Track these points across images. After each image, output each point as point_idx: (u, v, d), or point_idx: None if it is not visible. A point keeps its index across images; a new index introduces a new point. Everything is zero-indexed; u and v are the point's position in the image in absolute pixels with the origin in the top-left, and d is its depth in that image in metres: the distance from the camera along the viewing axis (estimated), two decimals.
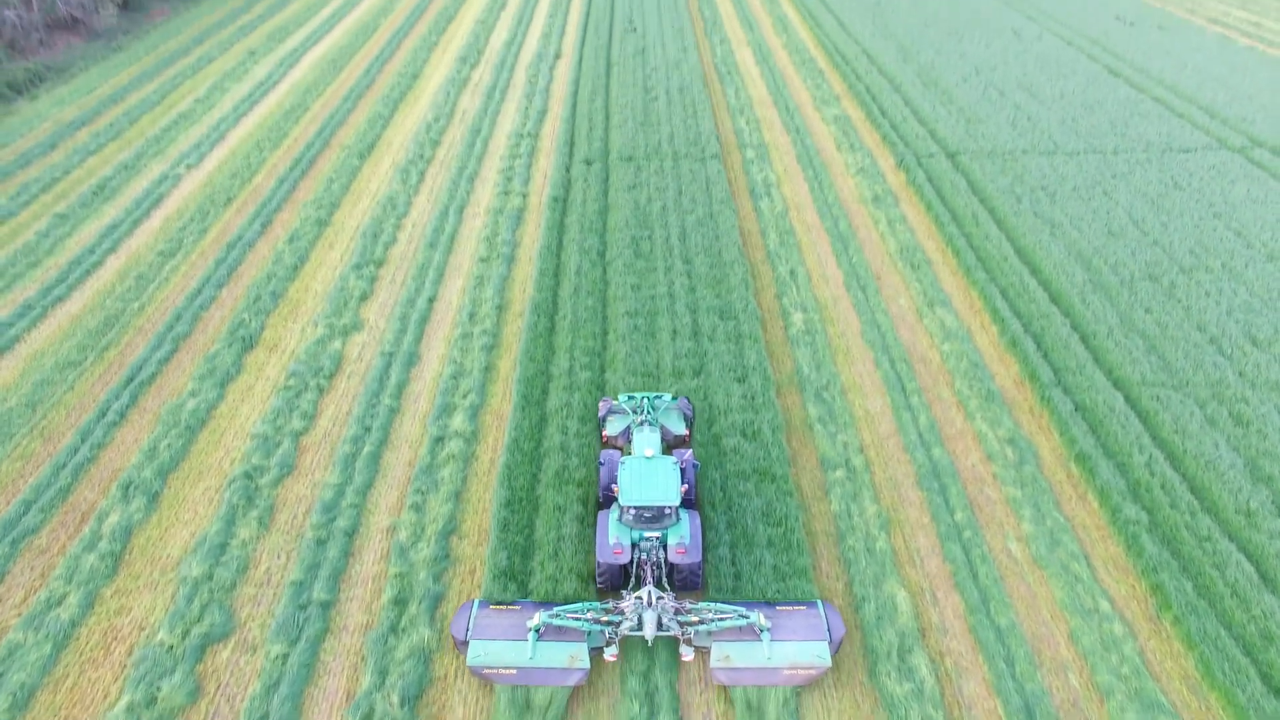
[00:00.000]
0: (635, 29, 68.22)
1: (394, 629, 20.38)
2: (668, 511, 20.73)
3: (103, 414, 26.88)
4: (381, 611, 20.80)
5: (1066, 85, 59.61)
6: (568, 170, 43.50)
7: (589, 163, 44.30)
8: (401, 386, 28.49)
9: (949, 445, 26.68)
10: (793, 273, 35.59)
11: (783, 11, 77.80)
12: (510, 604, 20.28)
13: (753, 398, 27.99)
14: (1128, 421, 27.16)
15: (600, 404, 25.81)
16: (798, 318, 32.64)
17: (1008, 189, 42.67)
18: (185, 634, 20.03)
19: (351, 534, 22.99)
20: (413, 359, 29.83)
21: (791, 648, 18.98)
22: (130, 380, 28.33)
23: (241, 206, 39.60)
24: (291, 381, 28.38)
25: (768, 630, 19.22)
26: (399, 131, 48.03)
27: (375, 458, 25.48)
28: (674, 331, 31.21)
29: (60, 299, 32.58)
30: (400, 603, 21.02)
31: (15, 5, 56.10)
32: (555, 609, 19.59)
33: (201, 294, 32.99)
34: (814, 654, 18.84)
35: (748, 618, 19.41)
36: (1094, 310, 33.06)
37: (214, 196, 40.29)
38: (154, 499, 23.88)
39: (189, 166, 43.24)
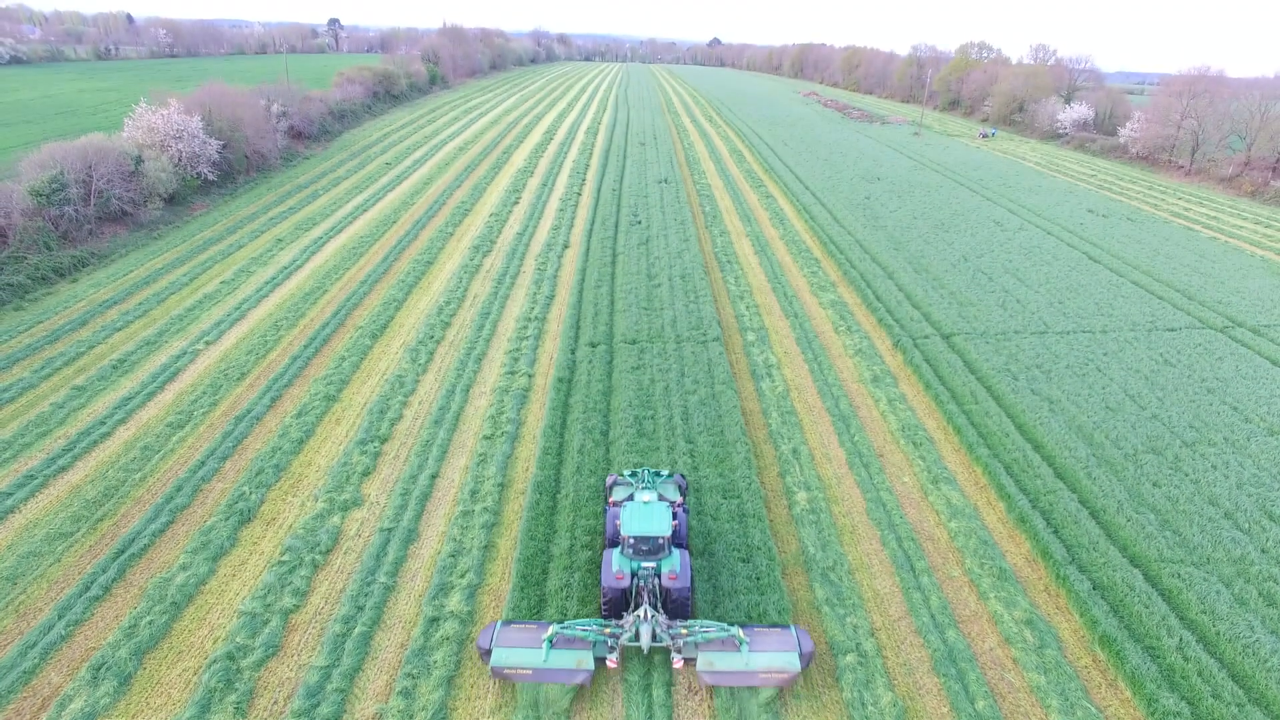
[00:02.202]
0: (640, 222, 73.14)
1: None
2: (661, 543, 24.72)
3: (85, 588, 25.96)
4: None
5: (1050, 270, 63.06)
6: (573, 352, 44.90)
7: (594, 345, 45.82)
8: (399, 564, 27.74)
9: (964, 627, 25.53)
10: (795, 452, 35.72)
11: (779, 206, 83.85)
12: (527, 623, 23.89)
13: (758, 578, 27.16)
14: (1151, 601, 26.18)
15: (608, 478, 30.70)
16: (801, 497, 32.37)
17: (1003, 368, 43.85)
18: None
19: None
20: (412, 536, 29.27)
21: (766, 657, 22.70)
22: (120, 553, 27.62)
23: (254, 381, 40.54)
24: (286, 557, 27.67)
25: (746, 642, 22.95)
26: (411, 314, 50.13)
27: (366, 638, 24.30)
28: None
29: (63, 469, 32.53)
30: None
31: (74, 202, 60.65)
32: (566, 622, 23.71)
33: (205, 466, 32.99)
34: (784, 661, 22.52)
35: (729, 631, 23.29)
36: (1101, 485, 32.88)
37: (228, 372, 41.37)
38: (125, 682, 22.49)
39: (207, 343, 44.77)
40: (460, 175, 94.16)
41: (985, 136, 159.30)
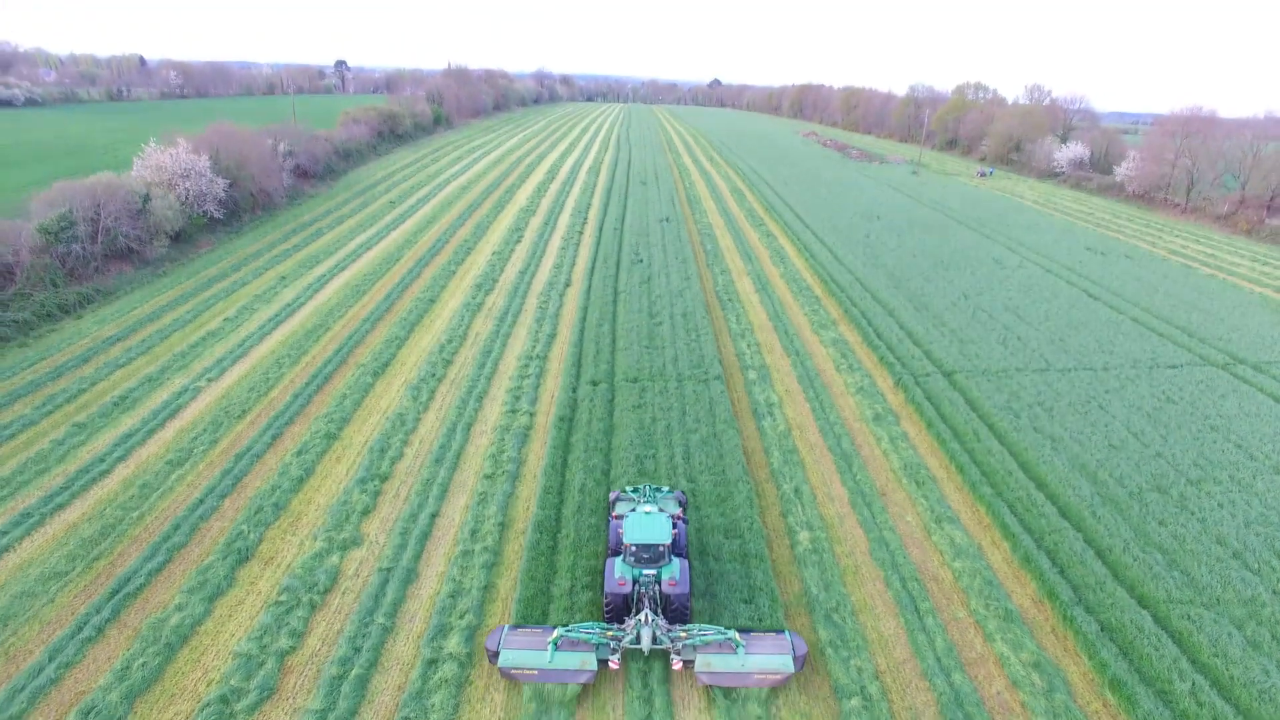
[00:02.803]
0: (641, 260, 73.64)
1: None
2: (661, 550, 25.98)
3: (78, 629, 25.63)
4: None
5: (1050, 308, 63.27)
6: (574, 391, 44.87)
7: (595, 383, 45.81)
8: (397, 604, 27.42)
9: (970, 671, 25.11)
10: (797, 491, 35.50)
11: (779, 245, 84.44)
12: (533, 627, 25.05)
13: (761, 620, 26.80)
14: (1161, 644, 25.78)
15: (611, 494, 32.43)
16: (804, 536, 32.09)
17: (1005, 405, 43.75)
18: None
19: None
20: (411, 576, 28.97)
21: (761, 658, 23.75)
22: (115, 593, 27.33)
23: (255, 419, 40.49)
24: (283, 597, 27.37)
25: (743, 645, 24.04)
26: (413, 351, 50.23)
27: (363, 681, 23.92)
28: None
29: (61, 507, 32.34)
30: None
31: (82, 239, 61.25)
32: (571, 625, 24.90)
33: (203, 504, 32.79)
34: (779, 663, 23.62)
35: (726, 634, 24.34)
36: (1106, 524, 32.59)
37: (229, 409, 41.35)
38: None
39: (209, 380, 44.82)
40: (463, 214, 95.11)
41: (983, 175, 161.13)
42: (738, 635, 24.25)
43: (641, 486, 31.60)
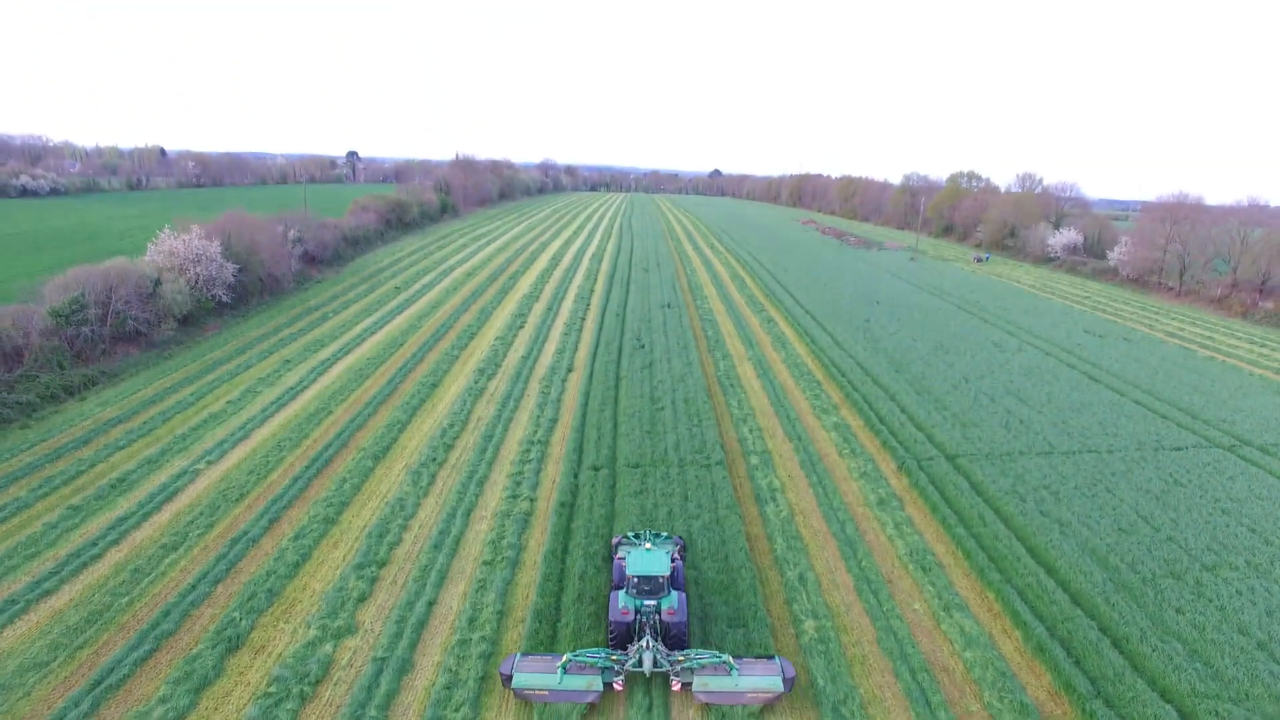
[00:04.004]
0: (644, 346, 74.24)
1: None
2: (661, 582, 28.56)
3: None
4: None
5: (1051, 390, 63.25)
6: (576, 476, 44.50)
7: (597, 469, 45.46)
8: (391, 696, 26.48)
9: None
10: (801, 578, 34.75)
11: (780, 330, 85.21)
12: (542, 655, 27.20)
13: (765, 713, 25.75)
14: None
15: (614, 539, 35.25)
16: (809, 625, 31.22)
17: (1010, 489, 43.24)
18: None
19: None
20: (406, 666, 28.08)
21: (753, 679, 26.01)
22: (96, 685, 26.44)
23: (253, 503, 40.07)
24: (273, 688, 26.46)
25: (736, 668, 26.27)
26: (415, 436, 50.09)
27: None
28: None
29: (48, 593, 31.64)
30: None
31: (92, 322, 62.12)
32: (578, 651, 26.90)
33: (195, 590, 32.09)
34: (769, 683, 25.83)
35: (721, 658, 26.56)
36: (1120, 611, 31.69)
37: (227, 492, 40.98)
38: None
39: (209, 463, 44.58)
40: (467, 299, 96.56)
41: (979, 261, 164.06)
42: (731, 659, 26.60)
43: (642, 532, 35.28)
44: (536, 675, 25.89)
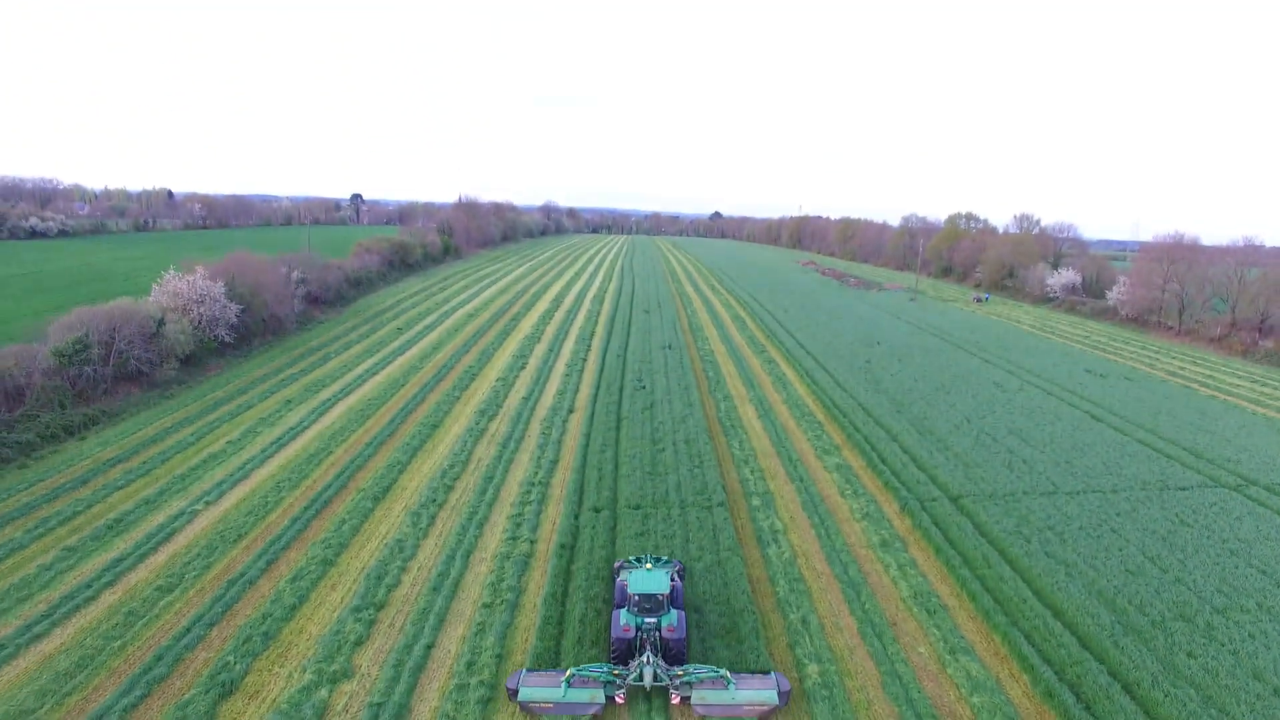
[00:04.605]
0: (644, 387, 74.22)
1: None
2: (661, 600, 29.85)
3: None
4: None
5: (1054, 430, 62.98)
6: (576, 518, 44.14)
7: (597, 510, 45.13)
8: None
9: None
10: (804, 621, 34.26)
11: (781, 371, 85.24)
12: (547, 671, 28.53)
13: None
14: None
15: (616, 563, 36.72)
16: (813, 670, 30.67)
17: (1014, 530, 42.84)
18: None
19: None
20: (402, 712, 27.55)
21: (749, 693, 27.38)
22: None
23: (250, 544, 39.73)
24: None
25: (733, 682, 27.61)
26: (415, 477, 49.85)
27: None
28: None
29: (38, 637, 31.17)
30: None
31: (94, 362, 62.32)
32: (582, 666, 28.25)
33: (190, 633, 31.64)
34: (765, 696, 27.25)
35: (719, 672, 27.98)
36: (1130, 655, 31.11)
37: (225, 533, 40.65)
38: None
39: (208, 503, 44.30)
40: (469, 340, 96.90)
41: (979, 301, 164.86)
42: (728, 674, 27.98)
43: (643, 555, 36.89)
44: (541, 689, 27.10)
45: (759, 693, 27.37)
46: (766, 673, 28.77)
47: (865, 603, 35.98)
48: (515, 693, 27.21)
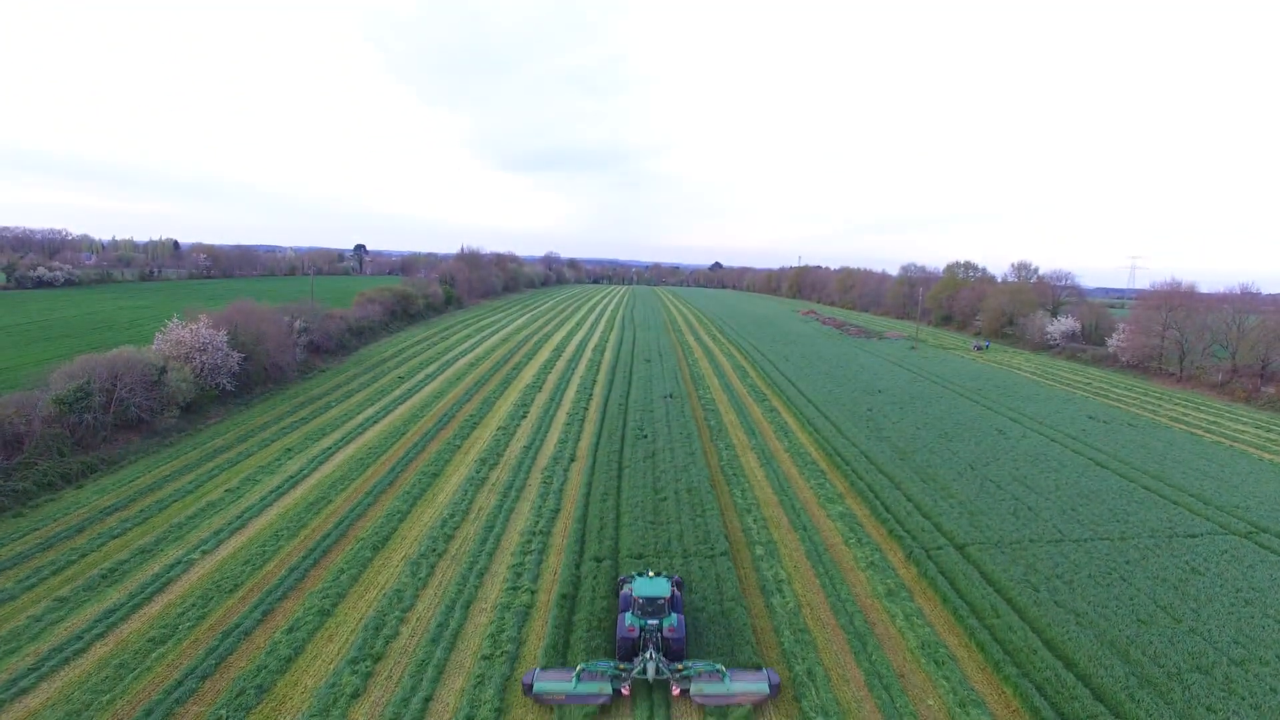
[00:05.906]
0: (646, 436, 73.88)
1: None
2: (662, 603, 32.94)
3: None
4: None
5: (1059, 477, 62.39)
6: (578, 568, 43.51)
7: (599, 560, 44.51)
8: None
9: None
10: (810, 673, 33.46)
11: (783, 419, 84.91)
12: (558, 669, 31.49)
13: None
14: None
15: (620, 578, 39.55)
16: None
17: (1022, 578, 42.11)
18: None
19: None
20: None
21: (742, 685, 30.60)
22: None
23: (247, 594, 39.08)
24: None
25: (728, 675, 30.87)
26: (415, 526, 49.30)
27: None
28: None
29: (23, 692, 30.37)
30: None
31: (95, 410, 62.20)
32: (591, 661, 31.93)
33: (182, 686, 30.88)
34: (757, 688, 30.42)
35: (715, 667, 31.28)
36: (1147, 709, 30.23)
37: (221, 583, 40.02)
38: None
39: (204, 552, 43.72)
40: (470, 389, 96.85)
41: (979, 349, 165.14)
42: (723, 667, 31.22)
43: (645, 571, 39.33)
44: (554, 683, 30.14)
45: (752, 685, 30.58)
46: (759, 668, 32.23)
47: (872, 653, 35.21)
48: (530, 687, 30.00)
